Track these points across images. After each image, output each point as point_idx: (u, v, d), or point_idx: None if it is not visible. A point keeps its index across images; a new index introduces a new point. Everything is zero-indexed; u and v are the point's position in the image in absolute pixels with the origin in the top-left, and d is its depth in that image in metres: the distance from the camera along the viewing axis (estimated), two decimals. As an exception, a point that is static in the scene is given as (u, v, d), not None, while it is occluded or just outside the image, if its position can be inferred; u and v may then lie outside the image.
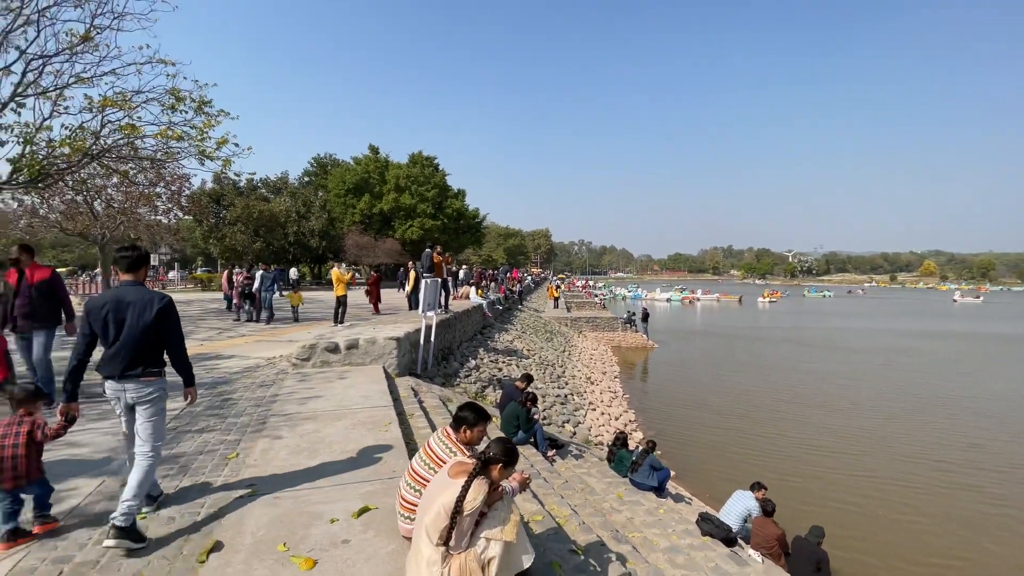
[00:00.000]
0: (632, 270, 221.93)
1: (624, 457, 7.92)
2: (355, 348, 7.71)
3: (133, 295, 3.06)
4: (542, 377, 13.72)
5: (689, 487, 9.72)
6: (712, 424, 13.75)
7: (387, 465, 3.94)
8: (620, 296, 70.61)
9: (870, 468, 10.75)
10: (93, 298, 3.21)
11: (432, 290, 9.01)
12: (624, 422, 12.76)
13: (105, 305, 3.02)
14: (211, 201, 33.89)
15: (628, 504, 6.41)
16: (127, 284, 3.14)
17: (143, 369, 3.04)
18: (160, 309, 3.07)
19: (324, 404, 5.64)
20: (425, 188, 42.94)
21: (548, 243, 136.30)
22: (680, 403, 15.88)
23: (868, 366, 22.15)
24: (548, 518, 4.22)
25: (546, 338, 21.19)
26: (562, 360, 17.62)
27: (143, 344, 3.03)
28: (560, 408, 11.43)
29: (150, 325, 3.03)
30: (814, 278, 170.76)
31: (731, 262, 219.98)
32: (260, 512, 3.14)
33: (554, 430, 10.06)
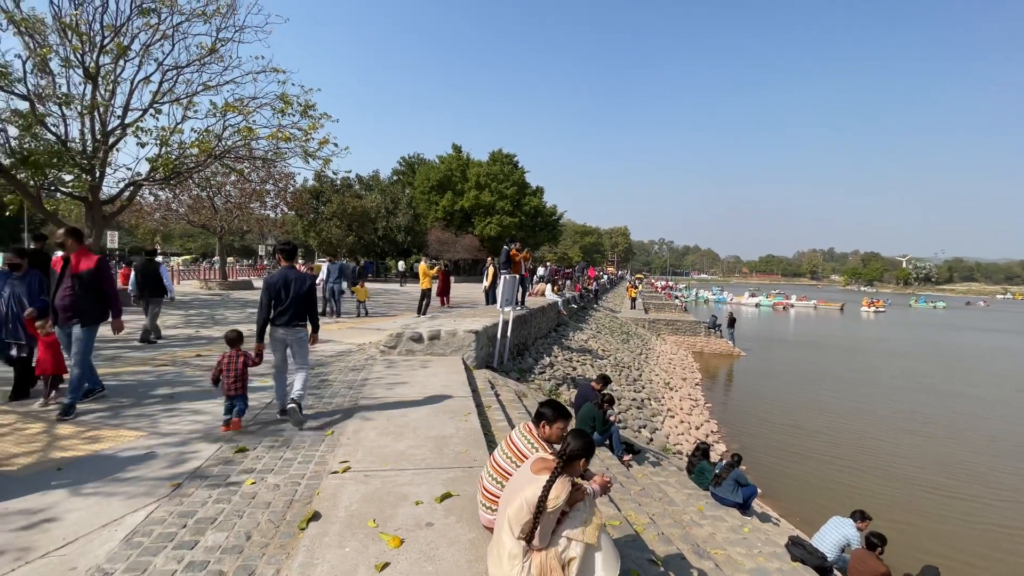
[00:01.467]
0: (718, 272, 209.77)
1: (706, 469, 7.52)
2: (437, 339, 8.00)
3: (294, 275, 4.70)
4: (618, 379, 13.39)
5: (777, 507, 9.04)
6: (805, 443, 12.66)
7: (467, 454, 4.04)
8: (703, 299, 67.05)
9: (1009, 519, 9.34)
10: (270, 276, 4.74)
11: (510, 286, 9.10)
12: (705, 432, 12.12)
13: (278, 281, 4.64)
14: (311, 197, 36.82)
15: (710, 519, 6.07)
16: (288, 268, 4.77)
17: (299, 321, 4.74)
18: (310, 284, 4.79)
19: (408, 390, 5.90)
20: (504, 185, 43.53)
21: (626, 241, 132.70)
22: (768, 417, 14.78)
23: (1003, 392, 19.20)
24: (625, 524, 4.10)
25: (622, 339, 20.66)
26: (639, 363, 17.09)
27: (300, 306, 4.69)
28: (636, 412, 11.09)
29: (303, 294, 4.69)
30: (933, 287, 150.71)
31: (832, 266, 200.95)
32: (352, 488, 3.35)
33: (629, 435, 9.78)
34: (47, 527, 2.83)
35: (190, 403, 5.23)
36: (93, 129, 12.98)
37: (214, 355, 7.70)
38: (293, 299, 4.62)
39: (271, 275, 4.73)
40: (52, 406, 4.84)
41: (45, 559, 2.55)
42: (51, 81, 12.31)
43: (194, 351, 7.99)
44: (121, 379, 6.09)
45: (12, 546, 2.63)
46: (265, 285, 4.66)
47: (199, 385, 5.96)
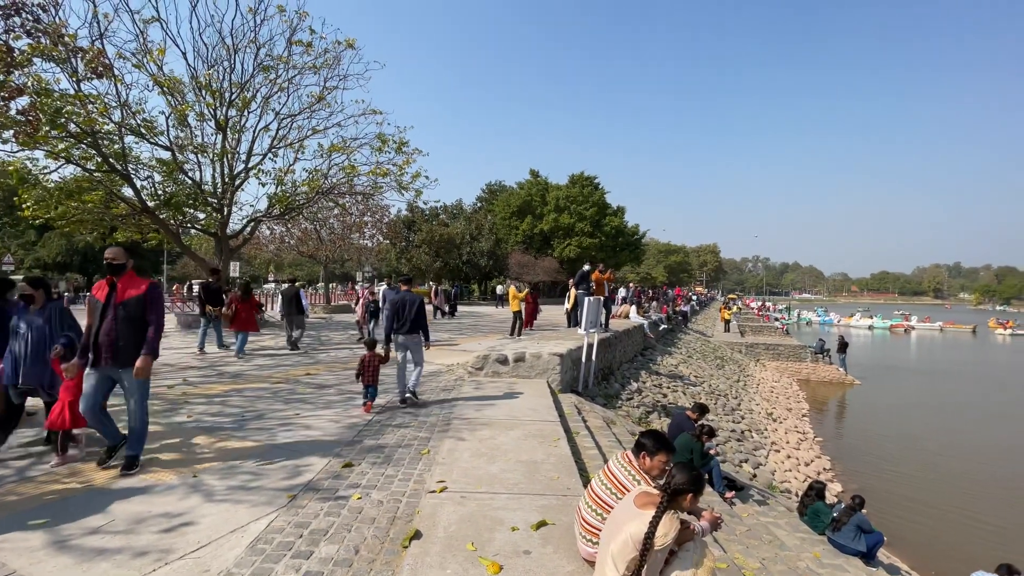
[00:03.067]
0: (822, 291, 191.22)
1: (821, 511, 6.74)
2: (522, 361, 8.03)
3: (410, 297, 6.38)
4: (714, 408, 12.53)
5: (906, 559, 7.88)
6: (936, 486, 10.97)
7: (560, 481, 3.96)
8: (806, 320, 61.33)
9: None
10: (393, 298, 6.44)
11: (594, 308, 8.95)
12: (817, 469, 10.90)
13: (399, 301, 6.33)
14: (404, 227, 39.28)
15: (829, 568, 5.39)
16: (406, 291, 6.48)
17: (415, 330, 6.31)
18: (421, 303, 6.42)
19: (497, 412, 5.95)
20: (584, 207, 43.44)
21: (716, 260, 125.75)
22: (891, 455, 12.99)
23: None
24: (734, 567, 3.76)
25: (716, 365, 19.39)
26: (736, 391, 15.89)
27: (415, 319, 6.28)
28: (736, 445, 10.26)
29: (418, 311, 6.32)
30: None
31: (960, 283, 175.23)
32: (450, 509, 3.41)
33: (729, 469, 9.04)
34: (184, 531, 3.16)
35: (302, 418, 5.68)
36: (223, 173, 14.96)
37: (322, 374, 8.35)
38: (409, 314, 6.23)
39: (394, 297, 6.45)
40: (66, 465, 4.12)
41: (182, 560, 2.83)
42: (188, 133, 14.41)
43: (304, 370, 8.71)
44: (243, 394, 6.79)
45: (155, 547, 2.95)
46: (390, 304, 6.38)
47: (310, 401, 6.47)
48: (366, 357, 6.04)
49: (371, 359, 6.04)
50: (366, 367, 6.00)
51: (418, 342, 6.35)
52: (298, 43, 14.23)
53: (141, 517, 3.30)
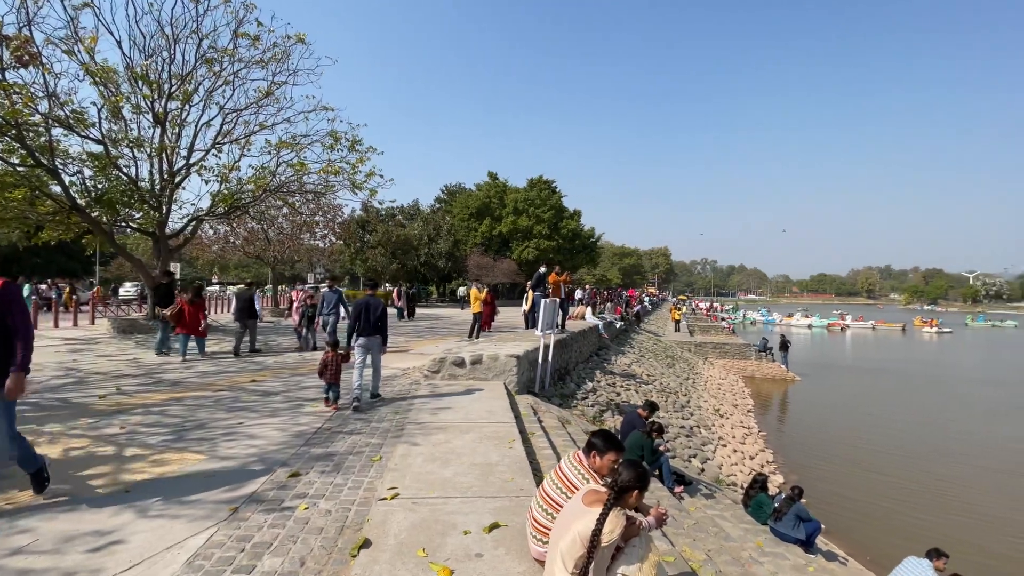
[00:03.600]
0: (766, 291, 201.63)
1: (764, 502, 7.09)
2: (479, 364, 8.02)
3: (374, 301, 6.61)
4: (664, 406, 12.95)
5: (843, 545, 8.38)
6: (871, 476, 11.78)
7: (514, 483, 3.97)
8: (750, 320, 64.48)
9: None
10: (358, 301, 6.65)
11: (550, 310, 9.06)
12: (761, 463, 11.48)
13: (362, 304, 6.54)
14: (358, 227, 38.33)
15: (770, 556, 5.68)
16: (370, 295, 6.73)
17: (376, 333, 6.57)
18: (383, 308, 6.66)
19: (452, 416, 5.91)
20: (541, 210, 43.91)
21: (667, 262, 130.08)
22: (830, 448, 13.86)
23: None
24: (680, 560, 3.90)
25: (667, 364, 20.06)
26: (686, 388, 16.49)
27: (376, 321, 6.55)
28: (685, 441, 10.65)
29: (379, 315, 6.58)
30: (1004, 304, 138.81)
31: (891, 284, 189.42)
32: (401, 516, 3.35)
33: (679, 464, 9.37)
34: (115, 549, 2.96)
35: (247, 427, 5.44)
36: (161, 169, 14.08)
37: (268, 380, 8.01)
38: (373, 317, 6.51)
39: (359, 300, 6.65)
40: None
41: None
42: (123, 126, 13.48)
43: (249, 376, 8.34)
44: (183, 403, 6.42)
45: (84, 567, 2.75)
46: (354, 307, 6.62)
47: (255, 410, 6.20)
48: (328, 356, 6.29)
49: (333, 358, 6.28)
50: (328, 366, 6.23)
51: (378, 344, 6.61)
52: (244, 35, 13.61)
53: (69, 536, 3.08)
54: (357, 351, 6.46)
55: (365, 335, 6.44)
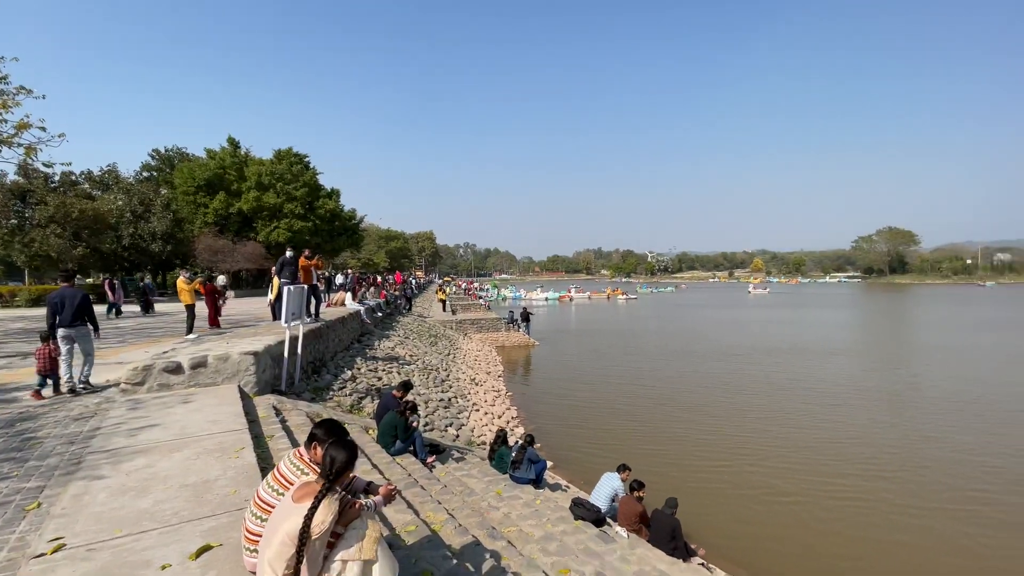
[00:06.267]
0: (515, 272, 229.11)
1: (504, 454, 8.11)
2: (203, 367, 6.82)
3: (70, 293, 6.58)
4: (425, 382, 13.50)
5: (567, 475, 10.26)
6: (588, 414, 14.68)
7: (237, 495, 3.54)
8: (502, 297, 72.53)
9: (715, 448, 12.38)
10: (51, 295, 6.55)
11: (296, 297, 8.33)
12: (507, 419, 13.08)
13: (57, 298, 6.50)
14: (12, 198, 27.62)
15: (506, 500, 6.57)
16: (66, 287, 6.62)
17: (79, 322, 6.62)
18: (83, 296, 6.73)
19: (161, 434, 4.89)
20: (293, 187, 39.67)
21: (433, 246, 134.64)
22: (560, 396, 16.73)
23: (715, 345, 25.59)
24: (423, 527, 4.14)
25: (430, 342, 20.91)
26: (446, 364, 17.52)
27: (78, 312, 6.57)
28: (443, 412, 11.34)
29: (79, 304, 6.60)
30: (669, 275, 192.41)
31: (601, 262, 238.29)
32: (68, 570, 2.61)
33: (436, 435, 9.95)
34: None
35: None
36: None
37: None
38: (71, 309, 6.52)
39: (52, 294, 6.58)
40: None
41: None
42: None
43: None
44: None
45: None
46: (48, 302, 6.55)
47: None
48: (42, 348, 6.47)
49: (46, 350, 6.46)
50: (42, 356, 6.43)
51: (86, 333, 6.69)
52: None
53: None
54: (61, 343, 6.50)
55: (65, 326, 6.47)
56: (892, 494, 9.14)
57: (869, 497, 9.07)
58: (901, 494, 9.15)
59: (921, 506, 8.75)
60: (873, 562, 7.26)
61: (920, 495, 9.16)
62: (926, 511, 8.58)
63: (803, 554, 7.52)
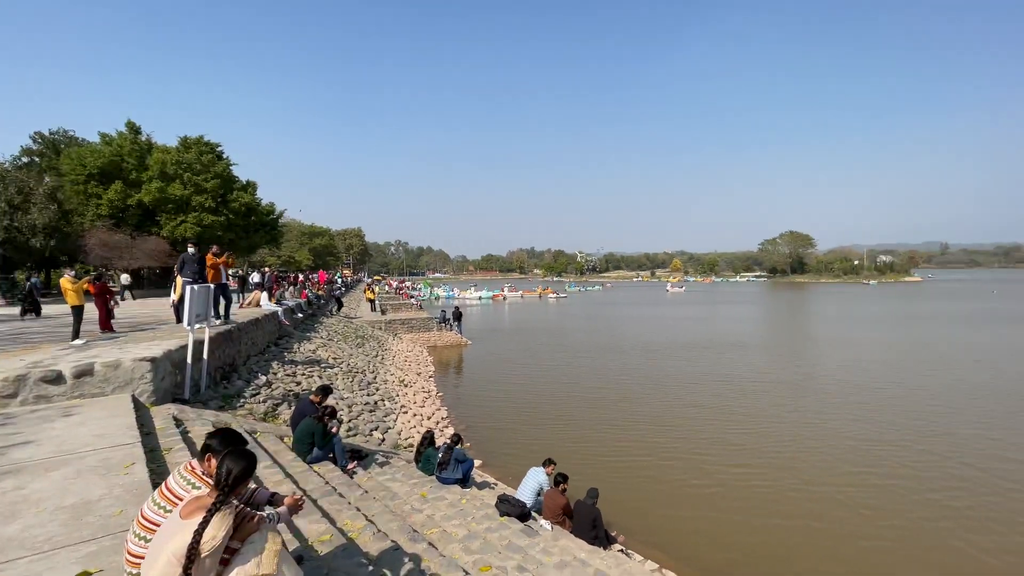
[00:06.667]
0: (449, 270, 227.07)
1: (431, 455, 8.03)
2: (89, 376, 6.13)
3: None
4: (350, 386, 13.03)
5: (496, 473, 10.35)
6: (519, 411, 14.89)
7: (124, 516, 3.23)
8: (435, 296, 71.65)
9: (634, 438, 13.03)
10: None
11: (200, 298, 7.72)
12: (436, 420, 12.95)
13: None
14: None
15: (431, 502, 6.52)
16: None
17: None
18: None
19: (35, 451, 4.35)
20: (203, 177, 36.61)
21: (361, 243, 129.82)
22: (490, 395, 16.83)
23: (641, 339, 26.92)
24: (338, 535, 4.01)
25: (357, 344, 20.19)
26: (374, 366, 17.01)
27: None
28: (368, 416, 11.01)
29: None
30: (598, 275, 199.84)
31: (534, 262, 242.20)
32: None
33: (360, 440, 9.65)
34: None
35: None
36: None
37: None
38: None
39: None
40: None
41: None
42: None
43: None
44: None
45: None
46: None
47: None
48: None
49: None
50: None
51: None
52: None
53: None
54: None
55: None
56: (795, 479, 10.01)
57: (775, 482, 9.90)
58: (801, 478, 10.03)
59: (817, 487, 9.70)
60: (777, 540, 8.00)
61: (815, 478, 10.18)
62: (820, 491, 9.53)
63: (715, 536, 8.10)
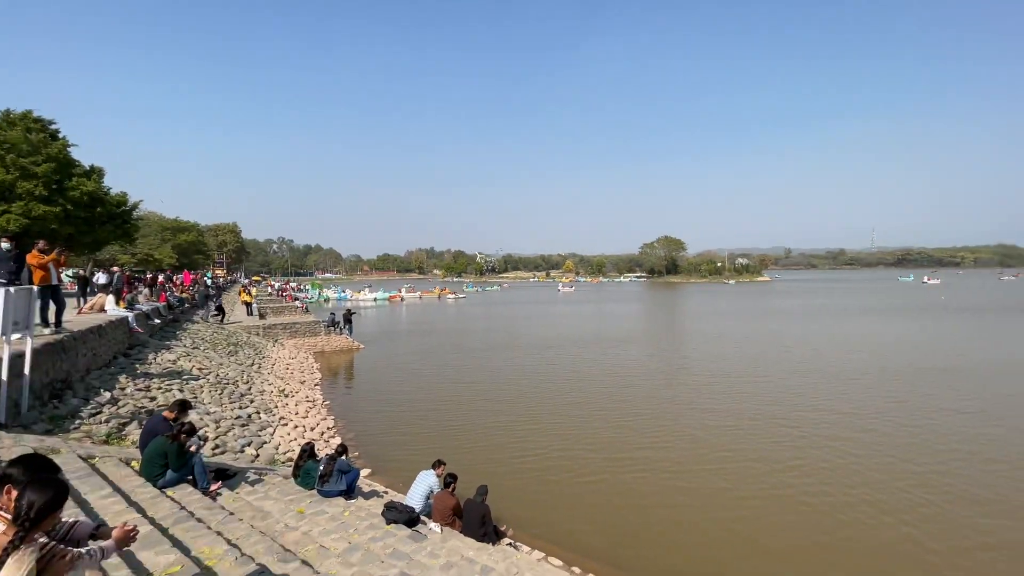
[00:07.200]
0: (341, 270, 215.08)
1: (311, 469, 7.55)
2: None
3: None
4: (218, 399, 11.76)
5: (386, 480, 10.02)
6: (413, 415, 14.58)
7: None
8: (325, 298, 67.51)
9: (527, 435, 13.43)
10: None
11: (19, 302, 6.45)
12: (321, 431, 12.20)
13: None
14: None
15: (309, 517, 6.13)
16: None
17: None
18: None
19: None
20: (32, 160, 30.57)
21: (237, 240, 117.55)
22: (382, 400, 16.26)
23: (538, 355, 27.81)
24: (191, 565, 3.60)
25: (228, 352, 18.28)
26: (249, 375, 15.52)
27: None
28: (240, 431, 10.03)
29: None
30: (496, 275, 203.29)
31: (434, 262, 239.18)
32: None
33: (229, 458, 8.75)
34: None
35: None
36: None
37: None
38: None
39: None
40: None
41: None
42: None
43: None
44: None
45: None
46: None
47: None
48: None
49: None
50: None
51: None
52: None
53: None
54: None
55: None
56: (670, 463, 10.94)
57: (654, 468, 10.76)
58: (676, 462, 10.98)
59: (688, 470, 10.71)
60: (656, 520, 8.71)
61: (687, 462, 11.23)
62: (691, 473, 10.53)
63: (600, 522, 8.60)
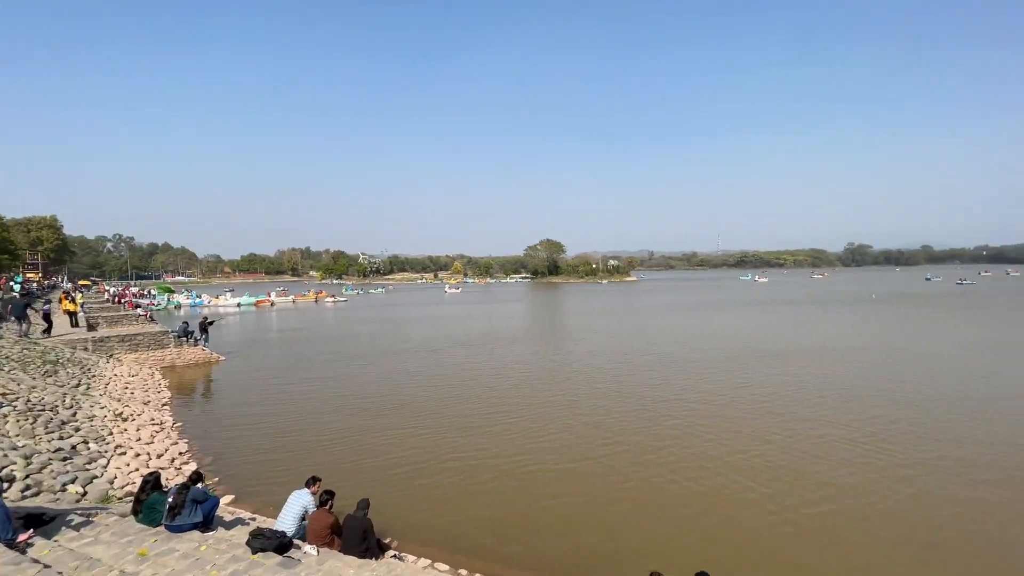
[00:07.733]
0: (196, 272, 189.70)
1: (157, 502, 6.56)
2: None
3: None
4: (28, 429, 9.68)
5: (252, 506, 9.07)
6: (282, 431, 13.36)
7: None
8: (175, 304, 59.18)
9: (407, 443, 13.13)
10: None
11: None
12: (171, 457, 10.66)
13: None
14: None
15: (154, 559, 5.32)
16: None
17: None
18: None
19: None
20: None
21: (57, 237, 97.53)
22: (249, 417, 14.66)
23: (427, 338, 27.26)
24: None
25: (44, 372, 15.12)
26: (73, 399, 12.98)
27: None
28: (60, 467, 8.35)
29: None
30: (381, 277, 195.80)
31: (310, 263, 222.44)
32: None
33: (47, 500, 7.26)
34: None
35: None
36: None
37: None
38: None
39: None
40: None
41: None
42: None
43: None
44: None
45: None
46: None
47: None
48: None
49: None
50: None
51: None
52: None
53: None
54: None
55: None
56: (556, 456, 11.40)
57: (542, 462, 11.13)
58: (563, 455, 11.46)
59: (574, 462, 11.31)
60: (545, 514, 9.02)
61: (573, 452, 11.88)
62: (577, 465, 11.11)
63: (488, 523, 8.64)
